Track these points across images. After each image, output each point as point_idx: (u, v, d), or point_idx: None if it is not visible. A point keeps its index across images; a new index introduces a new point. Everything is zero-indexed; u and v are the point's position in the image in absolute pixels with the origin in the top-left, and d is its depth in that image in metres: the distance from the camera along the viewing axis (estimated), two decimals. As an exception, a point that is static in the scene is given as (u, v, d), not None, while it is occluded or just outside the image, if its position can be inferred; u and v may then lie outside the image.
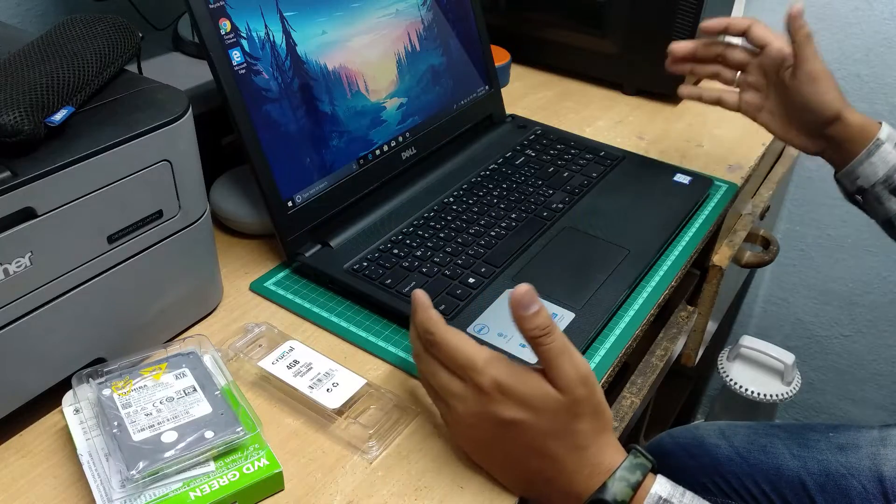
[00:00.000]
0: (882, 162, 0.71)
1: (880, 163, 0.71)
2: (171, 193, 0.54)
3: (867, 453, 0.75)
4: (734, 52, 0.76)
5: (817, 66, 0.69)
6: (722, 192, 0.83)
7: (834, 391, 1.50)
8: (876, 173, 0.71)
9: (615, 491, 0.46)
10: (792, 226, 1.36)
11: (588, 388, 0.46)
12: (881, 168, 0.71)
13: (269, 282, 0.67)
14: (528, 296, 0.46)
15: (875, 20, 1.13)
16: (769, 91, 0.75)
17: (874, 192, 0.72)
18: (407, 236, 0.70)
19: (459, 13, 0.85)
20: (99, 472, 0.47)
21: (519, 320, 0.46)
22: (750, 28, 0.73)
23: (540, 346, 0.46)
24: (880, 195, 0.72)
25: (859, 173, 0.72)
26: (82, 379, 0.52)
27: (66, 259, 0.48)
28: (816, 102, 0.70)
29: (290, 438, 0.53)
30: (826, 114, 0.70)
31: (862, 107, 1.18)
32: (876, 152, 0.71)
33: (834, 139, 0.72)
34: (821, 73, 0.69)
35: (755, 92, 0.76)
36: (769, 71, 0.74)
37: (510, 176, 0.81)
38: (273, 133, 0.65)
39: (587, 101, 1.04)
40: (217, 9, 0.60)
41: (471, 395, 0.48)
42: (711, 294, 0.95)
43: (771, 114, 0.75)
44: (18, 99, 0.45)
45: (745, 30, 0.73)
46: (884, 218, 0.74)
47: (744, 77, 0.77)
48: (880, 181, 0.71)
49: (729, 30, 0.75)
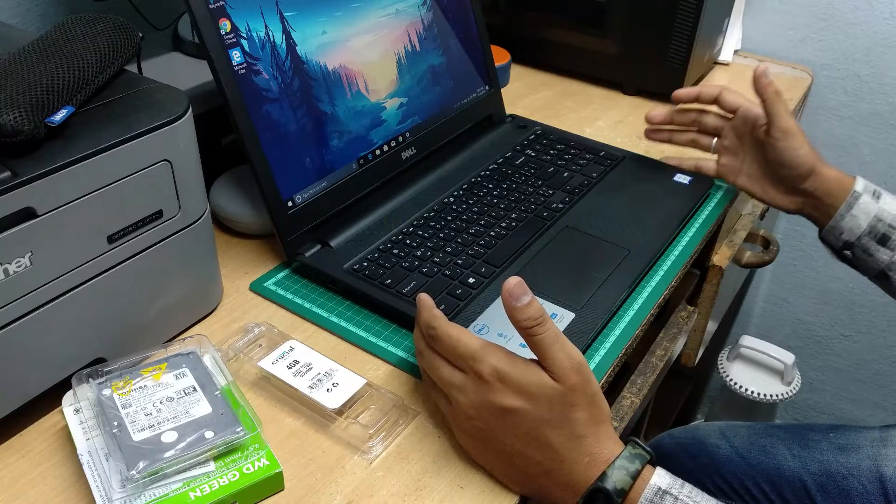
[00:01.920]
0: (863, 213, 0.72)
1: (861, 215, 0.72)
2: (171, 193, 0.54)
3: (868, 454, 0.75)
4: (708, 117, 0.80)
5: (789, 122, 0.72)
6: (722, 192, 0.83)
7: (834, 391, 1.50)
8: (859, 226, 0.72)
9: (615, 479, 0.46)
10: (792, 226, 1.36)
11: (582, 377, 0.48)
12: (863, 220, 0.72)
13: (269, 282, 0.67)
14: (519, 287, 0.47)
15: (875, 20, 1.13)
16: (745, 153, 0.77)
17: (861, 245, 0.73)
18: (407, 236, 0.70)
19: (459, 13, 0.85)
20: (99, 472, 0.47)
21: (511, 311, 0.47)
22: (721, 95, 0.77)
23: (533, 336, 0.47)
24: (867, 247, 0.73)
25: (843, 227, 0.73)
26: (82, 379, 0.52)
27: (66, 259, 0.48)
28: (791, 157, 0.72)
29: (290, 438, 0.53)
30: (801, 168, 0.72)
31: (862, 107, 1.19)
32: (855, 204, 0.72)
33: (812, 194, 0.74)
34: (793, 129, 0.72)
35: (732, 156, 0.79)
36: (743, 132, 0.77)
37: (510, 176, 0.81)
38: (273, 133, 0.65)
39: (587, 101, 1.04)
40: (217, 9, 0.60)
41: (471, 385, 0.49)
42: (711, 294, 0.95)
43: (749, 176, 0.77)
44: (18, 99, 0.45)
45: (716, 97, 0.77)
46: (876, 271, 0.74)
47: (720, 142, 0.80)
48: (865, 233, 0.72)
49: (700, 98, 0.79)
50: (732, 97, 0.77)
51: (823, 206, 0.74)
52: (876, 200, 0.72)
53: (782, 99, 0.72)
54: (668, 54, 0.99)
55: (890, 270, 0.72)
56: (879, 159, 1.22)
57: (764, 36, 1.21)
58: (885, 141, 1.20)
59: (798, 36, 1.19)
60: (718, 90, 0.77)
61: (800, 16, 1.18)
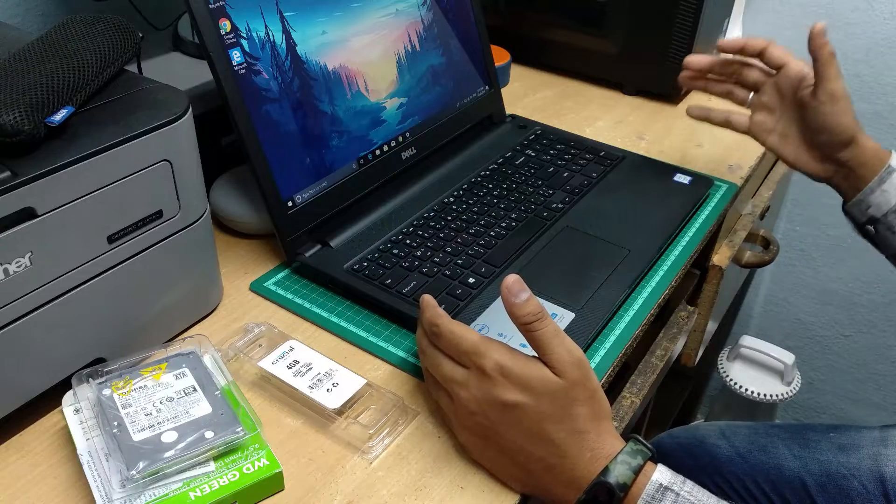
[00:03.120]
0: (894, 189, 0.70)
1: (892, 190, 0.70)
2: (171, 193, 0.54)
3: (868, 454, 0.75)
4: (750, 70, 0.76)
5: (839, 85, 0.68)
6: (722, 192, 0.83)
7: (834, 391, 1.50)
8: (889, 201, 0.70)
9: (617, 474, 0.46)
10: (792, 226, 1.36)
11: (583, 372, 0.48)
12: (894, 196, 0.70)
13: (269, 282, 0.67)
14: (517, 284, 0.48)
15: (875, 20, 1.13)
16: (782, 113, 0.74)
17: (887, 222, 0.71)
18: (407, 236, 0.70)
19: (459, 13, 0.85)
20: (99, 472, 0.47)
21: (511, 308, 0.48)
22: (767, 48, 0.73)
23: (532, 331, 0.48)
24: (893, 224, 0.71)
25: (871, 202, 0.71)
26: (82, 379, 0.52)
27: (66, 259, 0.48)
28: (834, 123, 0.69)
29: (290, 438, 0.53)
30: (842, 136, 0.69)
31: (862, 107, 1.19)
32: (888, 179, 0.70)
33: (846, 164, 0.71)
34: (842, 93, 0.68)
35: (767, 113, 0.75)
36: (785, 91, 0.73)
37: (510, 176, 0.81)
38: (273, 133, 0.65)
39: (587, 101, 1.04)
40: (217, 9, 0.60)
41: (473, 381, 0.49)
42: (711, 294, 0.95)
43: (782, 137, 0.74)
44: (18, 99, 0.45)
45: (762, 50, 0.73)
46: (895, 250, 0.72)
47: (757, 97, 0.75)
48: (893, 210, 0.70)
49: (746, 49, 0.74)
50: (779, 52, 0.73)
51: (854, 178, 0.71)
52: None
53: (835, 61, 0.68)
54: (668, 54, 0.99)
55: None
56: (879, 159, 1.21)
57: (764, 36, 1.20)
58: (885, 141, 1.19)
59: (798, 36, 1.18)
60: (766, 43, 0.73)
61: (800, 16, 1.17)
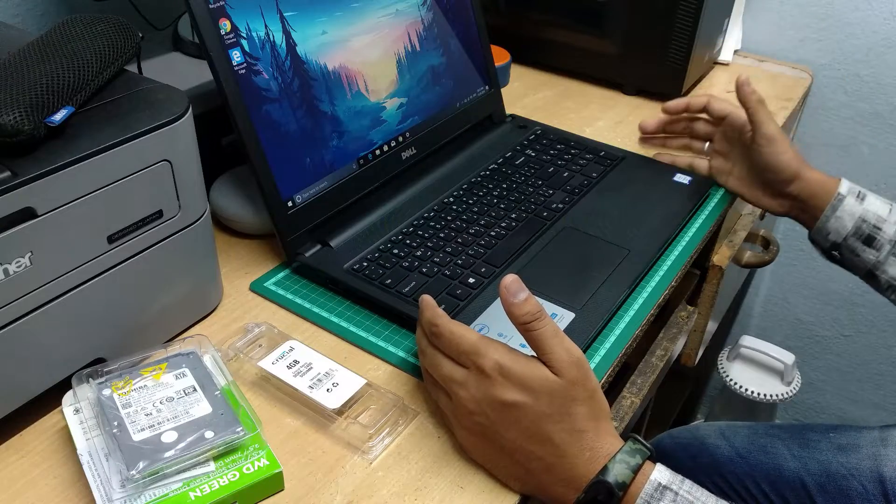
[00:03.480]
0: (848, 215, 0.74)
1: (846, 216, 0.74)
2: (171, 193, 0.54)
3: (867, 454, 0.75)
4: (698, 124, 0.86)
5: (772, 128, 0.75)
6: (722, 192, 0.83)
7: (834, 391, 1.50)
8: (845, 227, 0.74)
9: (616, 473, 0.46)
10: (792, 226, 1.36)
11: (581, 371, 0.48)
12: (848, 221, 0.74)
13: (269, 282, 0.67)
14: (515, 284, 0.48)
15: (875, 20, 1.13)
16: (734, 157, 0.81)
17: (848, 246, 0.75)
18: (407, 236, 0.70)
19: (459, 13, 0.85)
20: (99, 472, 0.47)
21: (509, 307, 0.48)
22: (709, 103, 0.81)
23: (531, 331, 0.48)
24: (854, 247, 0.74)
25: (829, 229, 0.75)
26: (82, 379, 0.52)
27: (66, 259, 0.48)
28: (775, 162, 0.75)
29: (290, 438, 0.53)
30: (785, 173, 0.75)
31: (862, 107, 1.19)
32: (840, 206, 0.74)
33: (797, 197, 0.76)
34: (776, 135, 0.75)
35: (722, 158, 0.82)
36: (731, 138, 0.81)
37: (510, 176, 0.81)
38: (273, 133, 0.65)
39: (587, 101, 1.04)
40: (217, 9, 0.60)
41: (473, 380, 0.49)
42: (711, 294, 0.95)
43: (738, 179, 0.81)
44: (18, 99, 0.45)
45: (705, 105, 0.82)
46: (864, 271, 0.76)
47: (711, 146, 0.84)
48: (850, 234, 0.74)
49: (689, 108, 0.85)
50: (720, 105, 0.80)
51: (809, 209, 0.76)
52: (860, 202, 0.74)
53: (765, 107, 0.75)
54: (668, 54, 0.99)
55: (877, 270, 0.74)
56: (879, 159, 1.21)
57: (764, 36, 1.21)
58: (885, 141, 1.20)
59: (798, 36, 1.19)
60: (706, 99, 0.82)
61: (800, 16, 1.17)
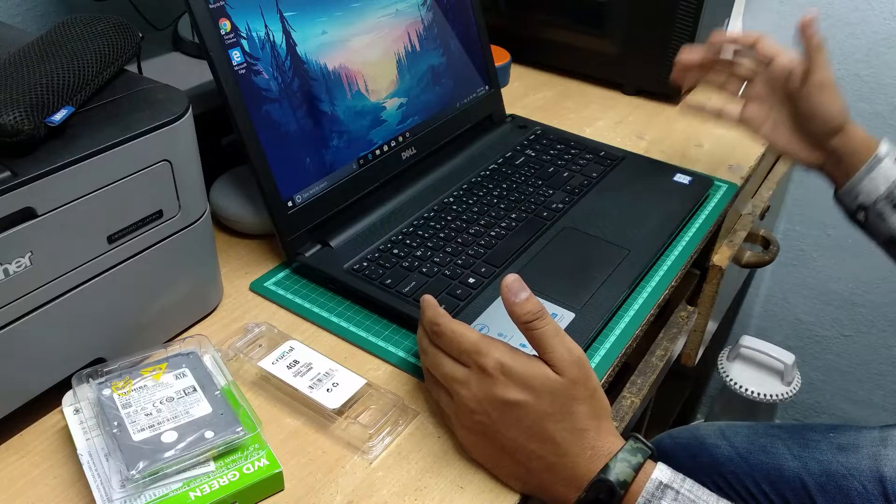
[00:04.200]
0: (883, 177, 0.70)
1: (881, 178, 0.70)
2: (171, 193, 0.54)
3: (868, 454, 0.75)
4: (742, 62, 0.77)
5: (827, 74, 0.70)
6: (722, 192, 0.83)
7: (834, 391, 1.50)
8: (877, 189, 0.71)
9: (617, 472, 0.46)
10: (792, 226, 1.36)
11: (582, 370, 0.48)
12: (882, 183, 0.70)
13: (269, 282, 0.67)
14: (516, 283, 0.48)
15: (875, 20, 1.13)
16: (773, 103, 0.75)
17: (876, 209, 0.72)
18: (407, 236, 0.70)
19: (459, 13, 0.85)
20: (99, 472, 0.47)
21: (511, 307, 0.48)
22: (758, 41, 0.74)
23: (533, 330, 0.48)
24: (882, 211, 0.71)
25: (860, 190, 0.72)
26: (82, 379, 0.52)
27: (66, 259, 0.48)
28: (823, 111, 0.71)
29: (290, 438, 0.53)
30: (831, 123, 0.71)
31: (862, 107, 1.19)
32: (876, 167, 0.71)
33: (835, 152, 0.72)
34: (830, 82, 0.70)
35: (759, 104, 0.76)
36: (775, 82, 0.74)
37: (510, 176, 0.81)
38: (273, 133, 0.65)
39: (587, 101, 1.04)
40: (217, 9, 0.60)
41: (474, 379, 0.49)
42: (711, 294, 0.95)
43: (774, 126, 0.75)
44: (18, 99, 0.45)
45: (753, 43, 0.75)
46: (887, 236, 0.73)
47: (749, 88, 0.77)
48: (882, 197, 0.71)
49: (739, 41, 0.76)
50: (770, 45, 0.74)
51: (844, 166, 0.72)
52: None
53: (824, 50, 0.70)
54: (668, 54, 0.99)
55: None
56: (879, 159, 1.21)
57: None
58: (885, 141, 1.20)
59: (798, 36, 1.19)
60: (757, 36, 0.75)
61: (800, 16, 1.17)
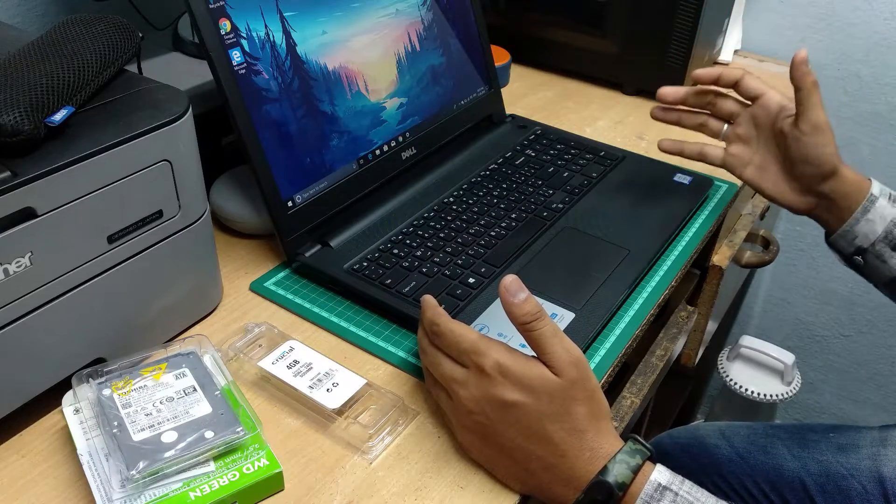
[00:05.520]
0: (879, 218, 0.68)
1: (878, 219, 0.68)
2: (171, 193, 0.54)
3: (867, 454, 0.75)
4: (725, 101, 0.74)
5: (821, 116, 0.66)
6: (722, 192, 0.83)
7: (834, 391, 1.50)
8: (875, 230, 0.68)
9: (616, 473, 0.46)
10: (792, 226, 1.36)
11: (581, 371, 0.48)
12: (879, 224, 0.68)
13: (269, 282, 0.67)
14: (515, 284, 0.48)
15: (875, 20, 1.13)
16: (759, 144, 0.72)
17: (875, 251, 0.69)
18: (407, 236, 0.70)
19: (459, 13, 0.85)
20: (99, 472, 0.47)
21: (509, 307, 0.48)
22: (742, 79, 0.71)
23: (531, 331, 0.48)
24: (882, 253, 0.68)
25: (856, 233, 0.69)
26: (82, 379, 0.52)
27: (66, 259, 0.48)
28: (817, 154, 0.67)
29: (290, 438, 0.53)
30: (825, 167, 0.67)
31: (862, 107, 1.19)
32: (872, 208, 0.68)
33: (827, 196, 0.69)
34: (824, 124, 0.66)
35: (743, 145, 0.73)
36: (762, 122, 0.71)
37: (510, 176, 0.81)
38: (273, 133, 0.65)
39: (587, 101, 1.04)
40: (217, 9, 0.60)
41: (473, 379, 0.49)
42: (711, 294, 0.95)
43: (759, 169, 0.72)
44: (18, 99, 0.45)
45: (738, 80, 0.71)
46: (888, 278, 0.70)
47: (732, 129, 0.74)
48: (880, 238, 0.68)
49: (721, 79, 0.72)
50: (756, 83, 0.70)
51: (837, 209, 0.69)
52: (893, 204, 0.68)
53: (818, 92, 0.66)
54: (668, 54, 0.99)
55: None
56: (879, 159, 1.22)
57: (764, 36, 1.21)
58: (885, 141, 1.20)
59: (798, 36, 1.19)
60: (741, 73, 0.71)
61: (800, 16, 1.17)
